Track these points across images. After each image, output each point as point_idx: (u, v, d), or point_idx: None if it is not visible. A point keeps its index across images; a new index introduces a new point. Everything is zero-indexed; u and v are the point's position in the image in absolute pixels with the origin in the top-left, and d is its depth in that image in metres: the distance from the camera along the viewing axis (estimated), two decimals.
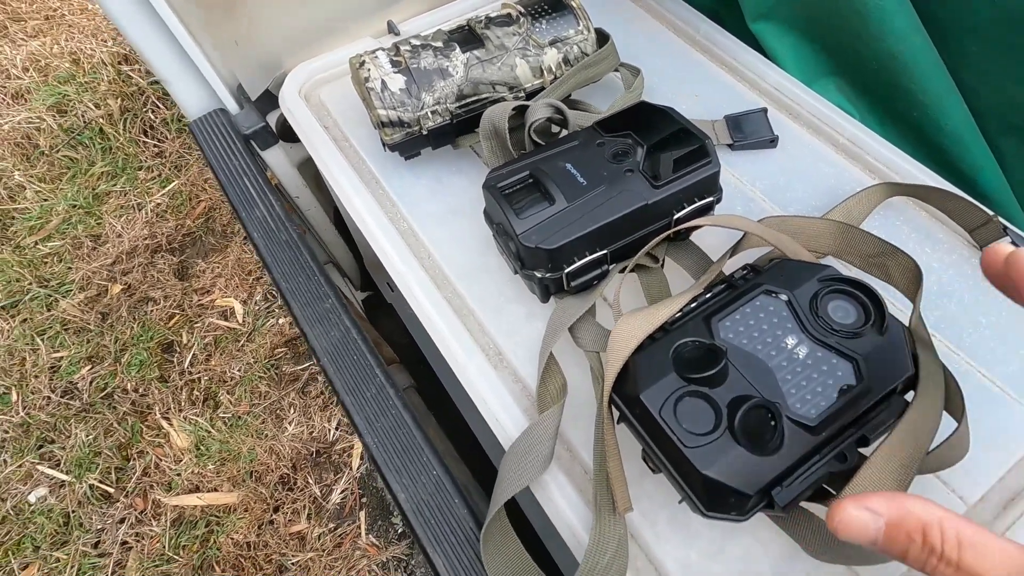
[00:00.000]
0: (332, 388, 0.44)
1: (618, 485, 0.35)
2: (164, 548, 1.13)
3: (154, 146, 1.64)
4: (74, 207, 1.55)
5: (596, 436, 0.38)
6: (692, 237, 0.47)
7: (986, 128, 0.54)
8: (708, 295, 0.39)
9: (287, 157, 0.67)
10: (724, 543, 0.37)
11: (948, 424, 0.36)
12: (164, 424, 1.26)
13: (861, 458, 0.33)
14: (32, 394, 1.29)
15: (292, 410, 1.29)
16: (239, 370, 1.33)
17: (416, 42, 0.50)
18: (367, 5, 0.63)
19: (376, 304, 1.00)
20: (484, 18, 0.52)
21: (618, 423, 0.37)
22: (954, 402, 0.36)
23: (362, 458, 1.25)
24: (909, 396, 0.35)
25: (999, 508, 0.38)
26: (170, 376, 1.33)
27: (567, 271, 0.41)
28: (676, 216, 0.43)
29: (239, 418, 1.27)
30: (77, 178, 1.60)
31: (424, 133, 0.50)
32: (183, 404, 1.29)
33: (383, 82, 0.48)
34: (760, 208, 0.51)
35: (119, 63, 1.69)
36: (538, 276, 0.42)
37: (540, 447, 0.38)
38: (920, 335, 0.38)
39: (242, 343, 1.37)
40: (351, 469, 1.24)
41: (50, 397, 1.29)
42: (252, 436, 1.24)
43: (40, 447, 1.24)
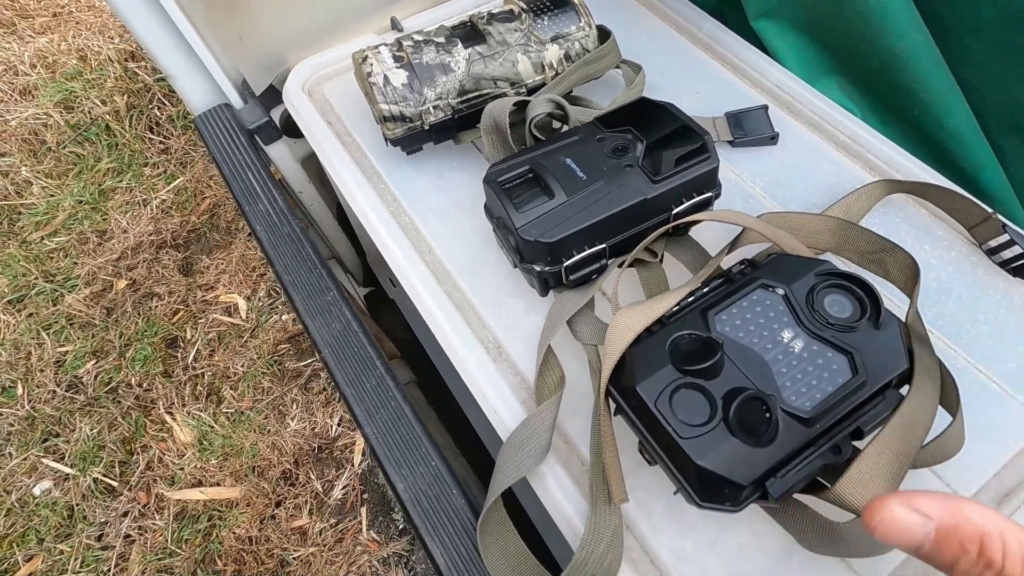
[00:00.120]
0: (333, 380, 0.45)
1: (614, 476, 0.35)
2: (167, 542, 1.14)
3: (160, 143, 1.65)
4: (80, 203, 1.56)
5: (593, 427, 0.38)
6: (691, 233, 0.47)
7: (988, 127, 0.54)
8: (705, 289, 0.39)
9: (291, 152, 0.68)
10: (719, 535, 0.37)
11: (944, 419, 0.36)
12: (168, 419, 1.27)
13: (855, 451, 0.34)
14: (37, 388, 1.30)
15: (295, 406, 1.29)
16: (242, 366, 1.33)
17: (419, 37, 0.50)
18: (370, 2, 0.64)
19: (378, 300, 1.00)
20: (486, 14, 0.52)
21: (615, 415, 0.37)
22: (949, 397, 0.36)
23: (364, 454, 1.26)
24: (904, 390, 0.35)
25: (994, 503, 0.38)
26: (174, 371, 1.33)
27: (566, 265, 0.41)
28: (675, 211, 0.43)
29: (242, 413, 1.28)
30: (83, 174, 1.61)
31: (426, 128, 0.50)
32: (187, 399, 1.29)
33: (385, 77, 0.48)
34: (760, 205, 0.51)
35: (126, 60, 1.70)
36: (537, 270, 0.42)
37: (538, 438, 0.38)
38: (916, 330, 0.38)
39: (245, 339, 1.38)
40: (353, 465, 1.25)
41: (55, 391, 1.30)
42: (255, 431, 1.25)
43: (45, 440, 1.25)
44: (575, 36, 0.52)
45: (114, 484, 1.20)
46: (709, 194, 0.43)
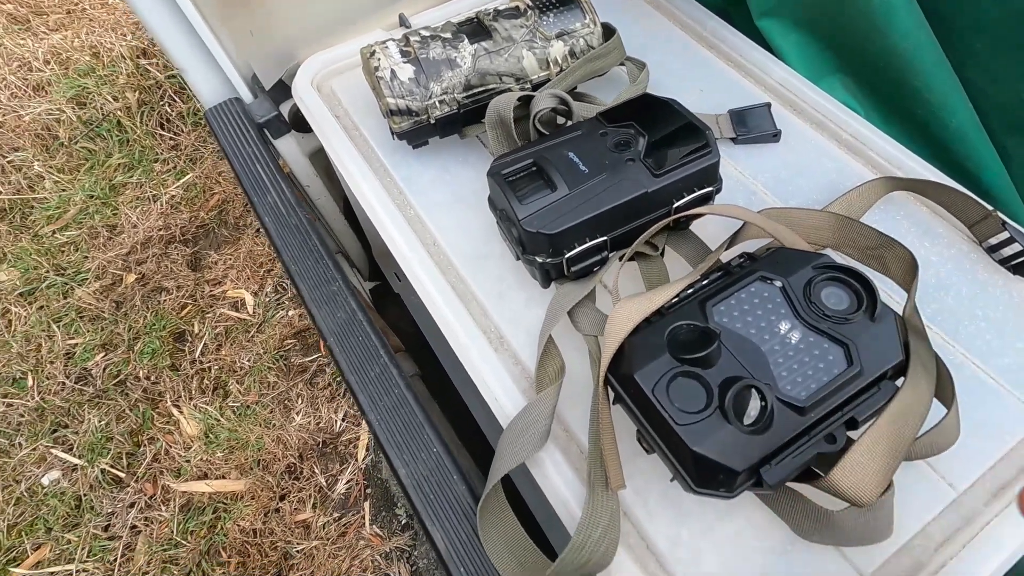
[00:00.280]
0: (338, 368, 0.46)
1: (612, 462, 0.35)
2: (172, 533, 1.15)
3: (170, 139, 1.67)
4: (91, 197, 1.58)
5: (592, 415, 0.38)
6: (692, 227, 0.48)
7: (990, 126, 0.55)
8: (705, 281, 0.40)
9: (299, 147, 0.69)
10: (714, 522, 0.37)
11: (939, 412, 0.36)
12: (175, 412, 1.28)
13: (850, 441, 0.34)
14: (47, 379, 1.32)
15: (300, 401, 1.30)
16: (248, 360, 1.34)
17: (426, 33, 0.51)
18: None
19: (383, 294, 1.01)
20: (492, 11, 0.53)
21: (613, 403, 0.38)
22: (945, 390, 0.37)
23: (367, 449, 1.26)
24: (900, 382, 0.35)
25: (989, 496, 0.38)
26: (181, 365, 1.35)
27: (567, 256, 0.42)
28: (676, 205, 0.44)
29: (248, 407, 1.29)
30: (95, 169, 1.63)
31: (432, 122, 0.51)
32: (193, 392, 1.31)
33: (393, 71, 0.49)
34: (762, 201, 0.52)
35: (138, 57, 1.72)
36: (539, 261, 0.43)
37: (537, 425, 0.39)
38: (914, 324, 0.38)
39: (252, 334, 1.39)
40: (356, 460, 1.25)
41: (64, 383, 1.31)
42: (260, 425, 1.26)
43: (54, 431, 1.27)
44: (580, 33, 0.53)
45: (121, 475, 1.22)
46: (710, 189, 0.44)
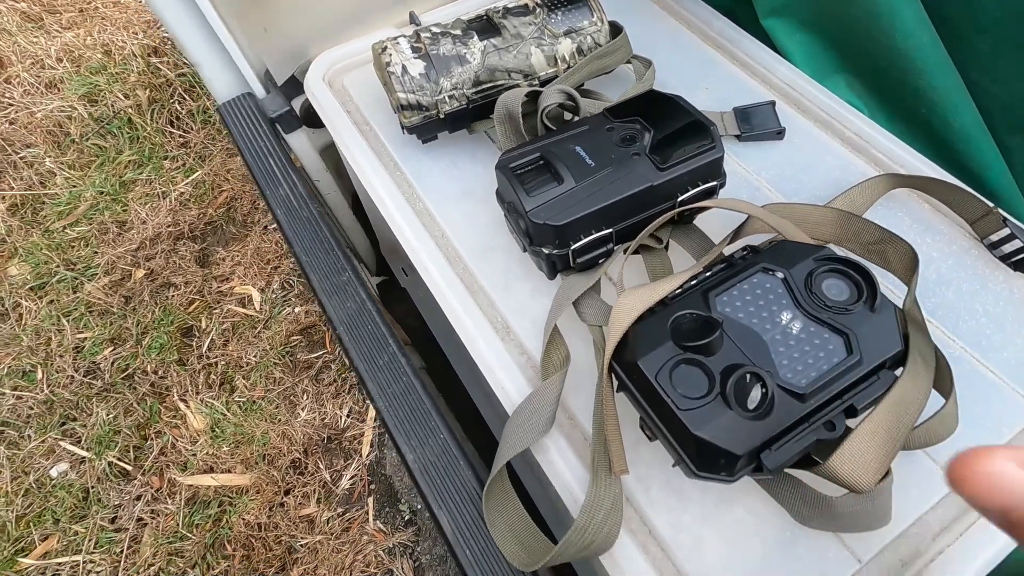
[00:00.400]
0: (347, 356, 0.46)
1: (615, 447, 0.36)
2: (178, 526, 1.16)
3: (179, 136, 1.69)
4: (101, 194, 1.60)
5: (596, 402, 0.39)
6: (696, 222, 0.48)
7: (994, 126, 0.55)
8: (708, 273, 0.40)
9: (310, 142, 0.70)
10: (715, 509, 0.38)
11: (938, 403, 0.37)
12: (181, 406, 1.29)
13: (849, 429, 0.35)
14: (56, 373, 1.33)
15: (305, 396, 1.31)
16: (255, 356, 1.35)
17: (436, 30, 0.52)
18: None
19: (390, 289, 1.02)
20: (502, 8, 0.54)
21: (617, 391, 0.38)
22: (943, 381, 0.37)
23: (372, 445, 1.27)
24: (899, 372, 0.36)
25: None
26: (188, 360, 1.36)
27: (573, 248, 0.43)
28: (680, 198, 0.44)
29: (254, 402, 1.30)
30: (105, 166, 1.64)
31: (441, 117, 0.52)
32: (200, 387, 1.32)
33: (403, 67, 0.50)
34: (765, 197, 0.52)
35: (149, 55, 1.73)
36: (545, 252, 0.44)
37: (542, 411, 0.39)
38: (913, 316, 0.39)
39: (259, 330, 1.40)
40: (361, 456, 1.26)
41: (73, 376, 1.33)
42: (266, 420, 1.27)
43: (63, 424, 1.28)
44: (587, 31, 0.54)
45: (128, 468, 1.23)
46: (714, 183, 0.45)
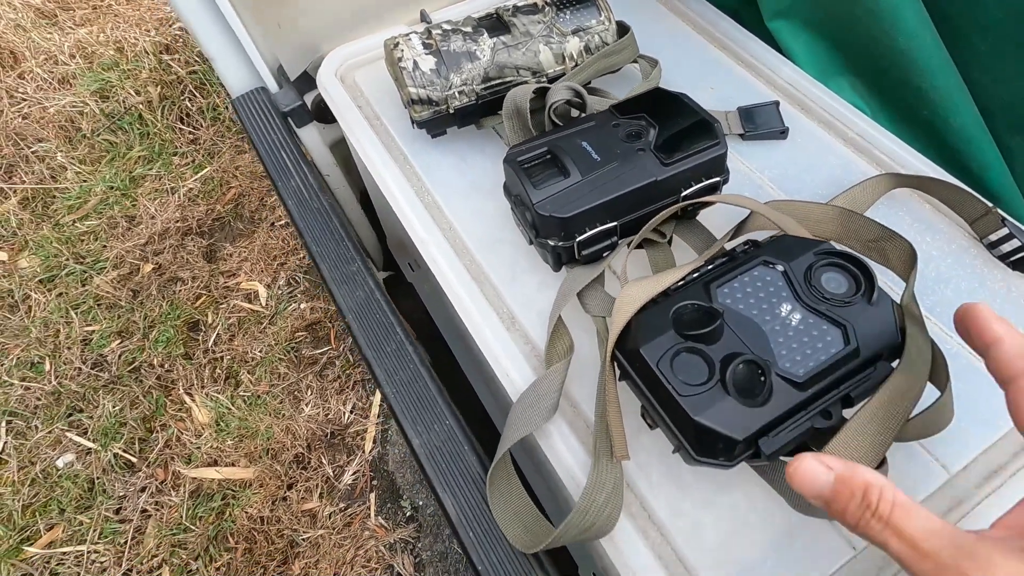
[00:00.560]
0: (356, 343, 0.47)
1: (617, 433, 0.37)
2: (181, 518, 1.17)
3: (189, 133, 1.70)
4: (111, 189, 1.62)
5: (599, 389, 0.40)
6: (699, 217, 0.49)
7: (995, 127, 0.56)
8: (709, 266, 0.41)
9: (320, 137, 0.71)
10: (714, 496, 0.39)
11: (934, 396, 0.38)
12: (187, 399, 1.31)
13: (844, 419, 0.36)
14: (64, 365, 1.35)
15: (309, 392, 1.32)
16: (260, 351, 1.37)
17: (447, 27, 0.53)
18: None
19: (395, 284, 1.03)
20: (512, 6, 0.55)
21: (619, 380, 0.39)
22: (939, 374, 0.38)
23: (375, 441, 1.28)
24: (895, 364, 0.37)
25: (981, 479, 0.39)
26: (194, 354, 1.37)
27: (579, 240, 0.44)
28: (684, 193, 0.45)
29: (258, 397, 1.31)
30: (115, 161, 1.66)
31: (451, 112, 0.53)
32: (206, 381, 1.33)
33: (415, 62, 0.51)
34: (768, 195, 0.53)
35: (161, 52, 1.75)
36: (551, 244, 0.45)
37: (547, 398, 0.40)
38: (911, 311, 0.40)
39: (264, 325, 1.41)
40: (363, 452, 1.27)
41: (81, 368, 1.34)
42: (270, 415, 1.28)
43: (69, 415, 1.29)
44: (595, 30, 0.55)
45: (133, 460, 1.24)
46: (717, 179, 0.46)
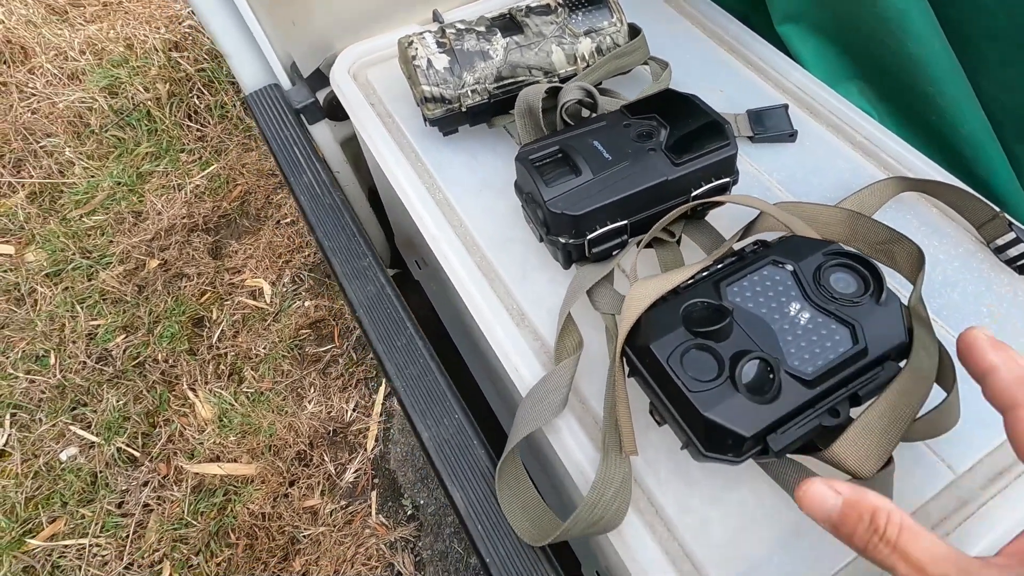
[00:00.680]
0: (367, 337, 0.48)
1: (626, 429, 0.37)
2: (183, 513, 1.17)
3: (197, 130, 1.71)
4: (119, 184, 1.63)
5: (608, 385, 0.40)
6: (708, 218, 0.50)
7: (1002, 134, 0.56)
8: (719, 266, 0.42)
9: (331, 134, 0.72)
10: (721, 493, 0.39)
11: (941, 397, 0.38)
12: (190, 395, 1.31)
13: (851, 418, 0.36)
14: (69, 358, 1.35)
15: (312, 389, 1.33)
16: (264, 348, 1.37)
17: (461, 26, 0.54)
18: None
19: (402, 282, 1.03)
20: (525, 7, 0.55)
21: (629, 376, 0.40)
22: (946, 375, 0.38)
23: (377, 440, 1.29)
24: (903, 364, 0.37)
25: (987, 480, 0.40)
26: (199, 349, 1.38)
27: (589, 238, 0.44)
28: (694, 194, 0.46)
29: (261, 394, 1.31)
30: (123, 157, 1.67)
31: (463, 110, 0.54)
32: (209, 377, 1.34)
33: (429, 60, 0.52)
34: (776, 197, 0.53)
35: (170, 50, 1.76)
36: (562, 242, 0.45)
37: (556, 393, 0.41)
38: (918, 312, 0.40)
39: (268, 322, 1.41)
40: (365, 450, 1.27)
41: (85, 362, 1.35)
42: (273, 412, 1.28)
43: (73, 409, 1.30)
44: (607, 31, 0.56)
45: (136, 454, 1.25)
46: (727, 179, 0.46)
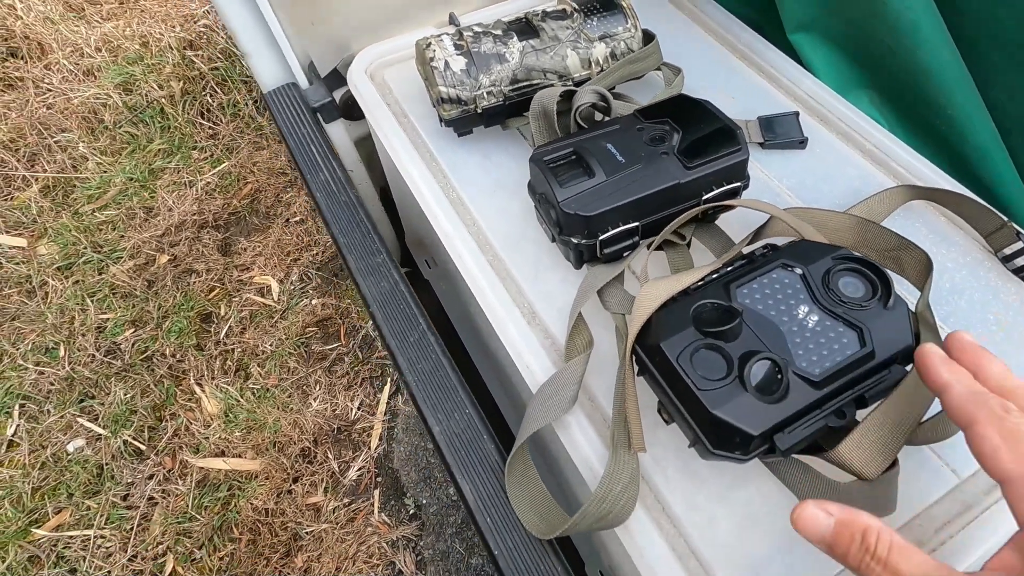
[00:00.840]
0: (380, 332, 0.49)
1: (635, 425, 0.38)
2: (187, 506, 1.18)
3: (209, 128, 1.73)
4: (131, 180, 1.64)
5: (617, 383, 0.41)
6: (718, 222, 0.51)
7: (1010, 142, 0.57)
8: (729, 268, 0.42)
9: (347, 133, 0.73)
10: (727, 491, 0.40)
11: None
12: (197, 390, 1.32)
13: (857, 420, 0.36)
14: (78, 351, 1.36)
15: (318, 387, 1.33)
16: (271, 345, 1.38)
17: (478, 29, 0.55)
18: None
19: (411, 281, 1.04)
20: (541, 12, 0.56)
21: (638, 375, 0.40)
22: None
23: (381, 438, 1.29)
24: (909, 368, 0.37)
25: (990, 485, 0.40)
26: (206, 345, 1.39)
27: (601, 239, 0.45)
28: (705, 197, 0.46)
29: (267, 390, 1.32)
30: (136, 153, 1.69)
31: (479, 112, 0.55)
32: (216, 372, 1.34)
33: (446, 62, 0.53)
34: (786, 203, 0.54)
35: (185, 48, 1.78)
36: (574, 242, 0.46)
37: (566, 390, 0.41)
38: (925, 318, 0.41)
39: (275, 320, 1.42)
40: (369, 449, 1.28)
41: (94, 355, 1.36)
42: (278, 408, 1.29)
43: (81, 401, 1.31)
44: (621, 36, 0.56)
45: (142, 448, 1.25)
46: (738, 184, 0.47)
